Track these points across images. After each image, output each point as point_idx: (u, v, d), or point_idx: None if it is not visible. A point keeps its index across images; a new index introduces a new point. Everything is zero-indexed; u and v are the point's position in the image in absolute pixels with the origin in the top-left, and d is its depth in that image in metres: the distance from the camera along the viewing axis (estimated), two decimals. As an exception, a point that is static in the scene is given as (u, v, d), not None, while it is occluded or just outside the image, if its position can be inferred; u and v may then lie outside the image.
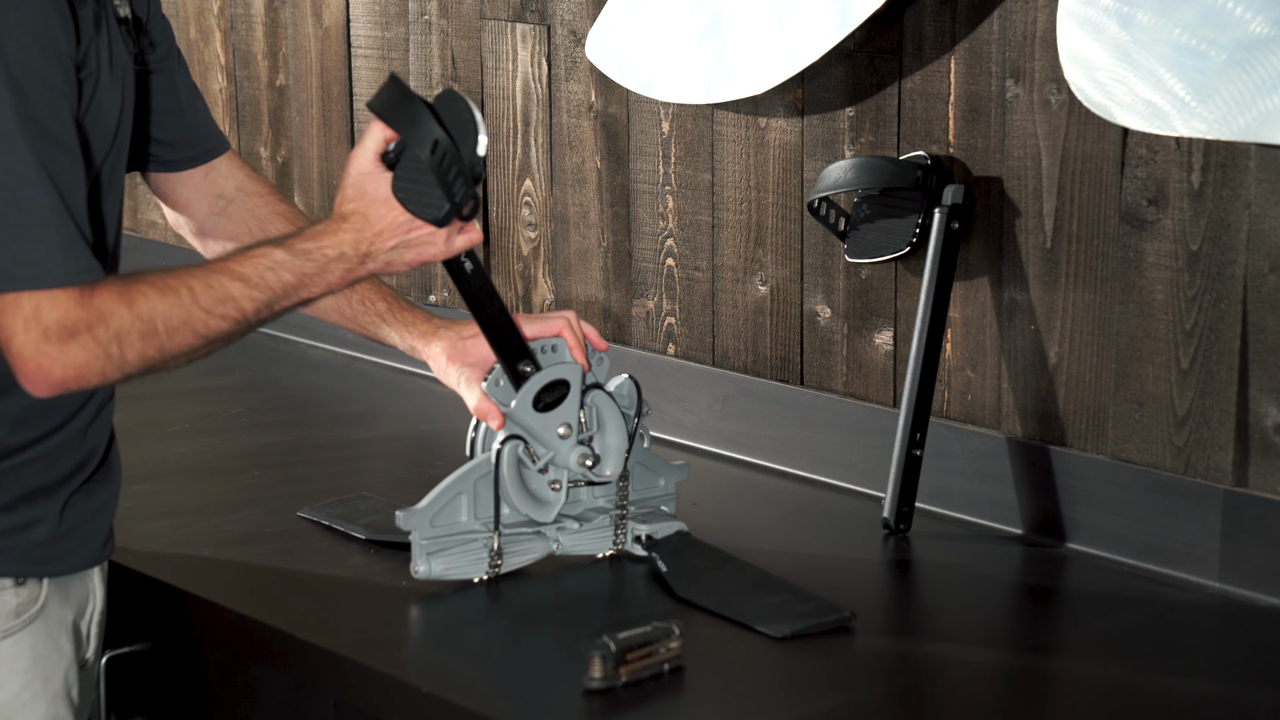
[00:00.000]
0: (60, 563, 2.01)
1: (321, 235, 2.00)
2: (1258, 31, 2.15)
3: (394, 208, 2.02)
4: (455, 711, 1.98)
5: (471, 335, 2.28)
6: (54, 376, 1.84)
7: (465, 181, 2.05)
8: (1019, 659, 2.15)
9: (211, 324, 1.92)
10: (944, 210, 2.49)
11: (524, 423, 2.25)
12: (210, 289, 1.92)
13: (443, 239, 2.05)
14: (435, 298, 3.27)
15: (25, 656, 1.99)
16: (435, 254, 2.06)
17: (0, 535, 1.96)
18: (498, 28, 3.09)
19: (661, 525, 2.34)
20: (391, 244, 2.02)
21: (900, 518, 2.48)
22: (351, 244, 2.00)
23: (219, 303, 1.92)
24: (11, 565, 1.97)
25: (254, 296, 1.94)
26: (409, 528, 2.21)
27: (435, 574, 2.23)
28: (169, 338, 1.89)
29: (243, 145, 3.58)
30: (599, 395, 2.30)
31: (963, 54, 2.51)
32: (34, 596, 1.99)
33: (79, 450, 2.02)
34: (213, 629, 2.26)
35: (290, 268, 1.97)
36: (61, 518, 2.00)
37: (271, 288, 1.95)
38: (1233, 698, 2.03)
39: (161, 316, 1.88)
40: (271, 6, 3.49)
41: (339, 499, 2.53)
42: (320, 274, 1.99)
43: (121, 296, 1.87)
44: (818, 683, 2.06)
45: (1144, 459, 2.40)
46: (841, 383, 2.71)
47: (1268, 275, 2.26)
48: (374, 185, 2.02)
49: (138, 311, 1.87)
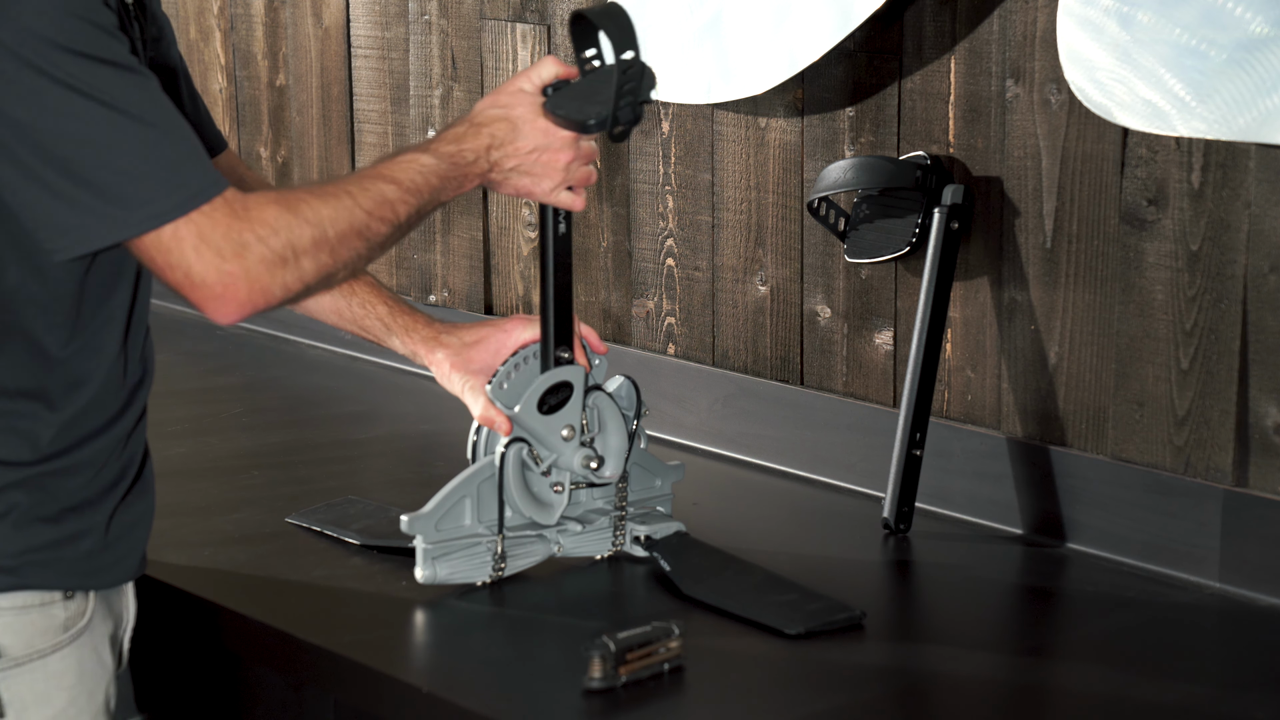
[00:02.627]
0: (106, 575, 1.98)
1: (462, 139, 2.05)
2: (1258, 31, 2.15)
3: (535, 128, 2.09)
4: (455, 711, 1.98)
5: (474, 342, 2.28)
6: (241, 295, 1.82)
7: (631, 107, 2.13)
8: (1019, 659, 2.15)
9: (374, 228, 1.92)
10: (944, 210, 2.49)
11: (529, 425, 2.25)
12: (368, 192, 1.93)
13: (557, 180, 2.12)
14: (435, 298, 3.27)
15: (72, 671, 1.95)
16: (543, 191, 2.13)
17: (49, 547, 1.92)
18: (498, 28, 3.09)
19: (660, 526, 2.34)
20: (514, 163, 2.09)
21: (900, 518, 2.48)
22: (485, 150, 2.06)
23: (378, 205, 1.93)
24: (60, 578, 1.93)
25: (407, 200, 1.96)
26: (414, 533, 2.21)
27: (440, 579, 2.22)
28: (340, 243, 1.88)
29: (243, 145, 3.58)
30: (600, 397, 2.30)
31: (963, 54, 2.51)
32: (81, 610, 1.95)
33: (120, 457, 1.99)
34: (213, 629, 2.26)
35: (436, 171, 2.00)
36: (108, 529, 1.96)
37: (421, 191, 1.98)
38: (1232, 698, 2.03)
39: (329, 220, 1.88)
40: (271, 6, 3.49)
41: (326, 503, 2.52)
42: (459, 178, 2.03)
43: (284, 205, 1.85)
44: (818, 683, 2.06)
45: (1144, 459, 2.40)
46: (841, 383, 2.71)
47: (1268, 275, 2.26)
48: (523, 103, 2.09)
49: (305, 217, 1.86)
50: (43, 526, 1.91)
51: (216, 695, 2.35)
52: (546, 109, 2.11)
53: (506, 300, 3.16)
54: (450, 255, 3.24)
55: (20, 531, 1.89)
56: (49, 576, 1.92)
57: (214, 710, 2.35)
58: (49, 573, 1.92)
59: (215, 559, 2.37)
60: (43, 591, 1.92)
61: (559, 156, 2.12)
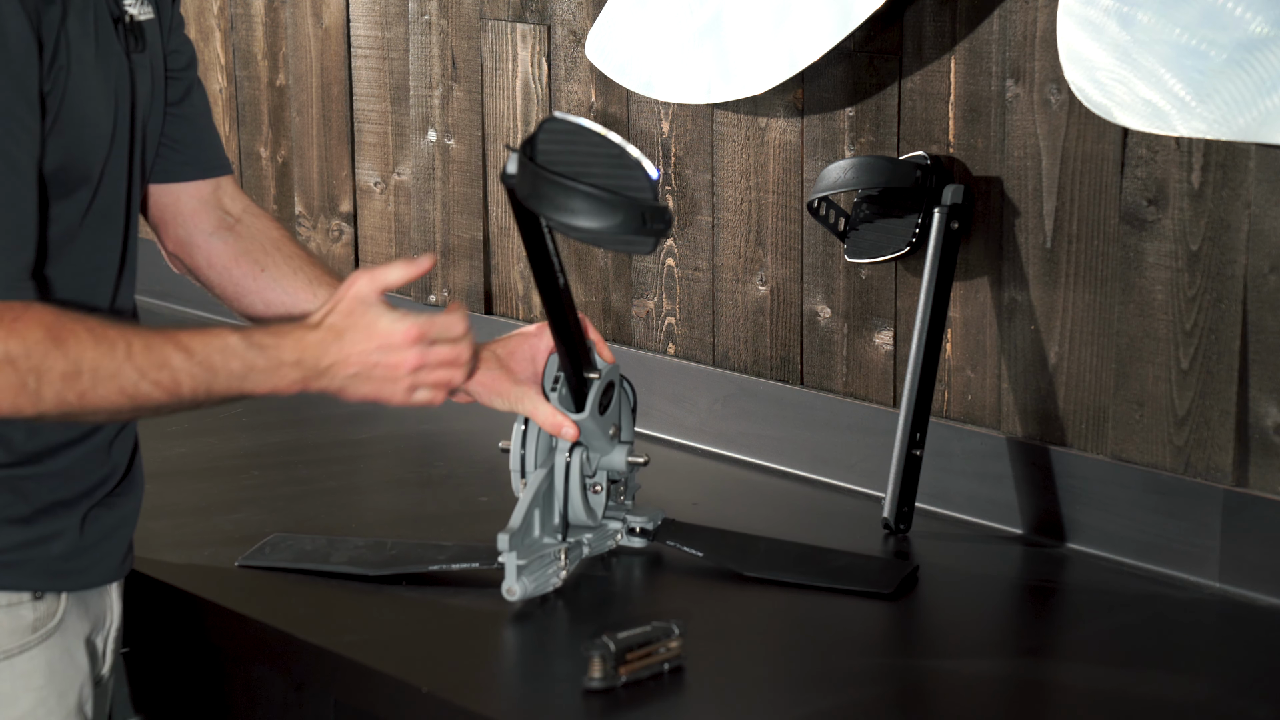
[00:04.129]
0: (79, 577, 1.97)
1: (285, 335, 1.91)
2: (1258, 31, 2.15)
3: (366, 334, 1.93)
4: (455, 711, 1.98)
5: (507, 355, 2.24)
6: None
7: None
8: (1018, 659, 2.15)
9: (142, 387, 1.83)
10: (944, 210, 2.49)
11: (589, 428, 2.25)
12: (150, 350, 1.83)
13: (404, 385, 1.95)
14: (435, 298, 3.27)
15: (40, 672, 1.95)
16: (391, 395, 1.96)
17: (19, 548, 1.92)
18: (498, 28, 3.09)
19: (644, 514, 2.35)
20: (353, 370, 1.93)
21: (900, 518, 2.48)
22: (314, 355, 1.91)
23: (155, 367, 1.83)
24: (30, 579, 1.93)
25: (194, 373, 1.85)
26: (513, 549, 2.16)
27: (529, 593, 2.18)
28: (93, 389, 1.81)
29: (243, 145, 3.58)
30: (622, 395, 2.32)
31: (963, 54, 2.51)
32: (51, 611, 1.95)
33: (104, 465, 1.99)
34: (213, 629, 2.26)
35: (242, 357, 1.87)
36: (82, 531, 1.96)
37: (215, 369, 1.86)
38: (1232, 697, 2.03)
39: (90, 364, 1.80)
40: (271, 6, 3.49)
41: (265, 543, 2.39)
42: (270, 372, 1.89)
43: (52, 332, 1.79)
44: (818, 683, 2.06)
45: (1144, 459, 2.40)
46: (841, 383, 2.71)
47: (1268, 275, 2.26)
48: (366, 312, 1.94)
49: (66, 351, 1.79)
50: (12, 528, 1.90)
51: (215, 695, 2.34)
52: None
53: (506, 300, 3.16)
54: (450, 255, 3.24)
55: None
56: (16, 577, 1.92)
57: (213, 710, 2.35)
58: (17, 574, 1.92)
59: (215, 559, 2.37)
60: (10, 593, 1.91)
61: (400, 367, 1.94)
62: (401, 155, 3.29)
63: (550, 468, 2.23)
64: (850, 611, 2.23)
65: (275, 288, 2.22)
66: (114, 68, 1.94)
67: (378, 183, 3.34)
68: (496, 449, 2.30)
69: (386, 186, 3.33)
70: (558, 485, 2.23)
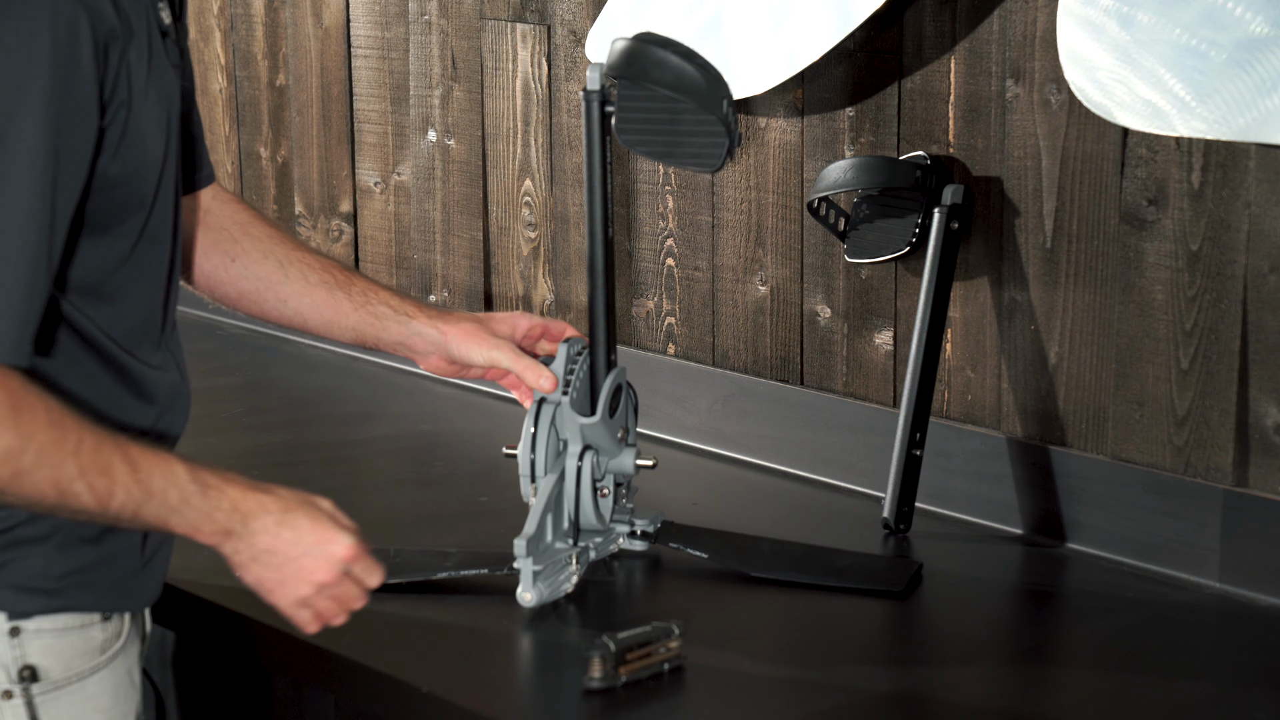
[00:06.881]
0: (141, 596, 1.95)
1: (230, 485, 1.83)
2: (1258, 31, 2.15)
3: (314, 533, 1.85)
4: (455, 711, 1.98)
5: (486, 318, 2.24)
6: None
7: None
8: (1019, 659, 2.15)
9: (75, 488, 1.74)
10: (944, 210, 2.49)
11: (600, 431, 2.25)
12: (97, 452, 1.75)
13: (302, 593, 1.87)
14: (435, 297, 3.28)
15: (108, 694, 1.91)
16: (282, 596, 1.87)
17: (92, 568, 1.88)
18: (498, 28, 3.09)
19: (644, 516, 2.35)
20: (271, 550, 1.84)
21: (900, 518, 2.48)
22: (248, 515, 1.83)
23: (96, 471, 1.75)
24: (100, 599, 1.89)
25: (130, 490, 1.77)
26: (529, 555, 2.16)
27: (545, 598, 2.18)
28: (30, 472, 1.73)
29: (243, 145, 3.58)
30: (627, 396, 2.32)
31: (963, 54, 2.51)
32: (117, 632, 1.92)
33: None
34: (213, 629, 2.26)
35: (181, 488, 1.79)
36: (143, 550, 1.93)
37: (151, 493, 1.78)
38: (1232, 698, 2.03)
39: (37, 447, 1.72)
40: (271, 6, 3.49)
41: None
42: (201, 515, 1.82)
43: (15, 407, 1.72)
44: (818, 683, 2.06)
45: (1144, 459, 2.40)
46: (841, 383, 2.71)
47: (1268, 275, 2.26)
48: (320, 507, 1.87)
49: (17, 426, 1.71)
50: (85, 547, 1.88)
51: (214, 695, 2.34)
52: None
53: (507, 300, 3.16)
54: (450, 255, 3.24)
55: (64, 553, 1.86)
56: (90, 598, 1.89)
57: (212, 711, 2.35)
58: (90, 594, 1.89)
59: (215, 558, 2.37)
60: (83, 614, 1.88)
61: (315, 573, 1.86)
62: (401, 155, 3.29)
63: (560, 472, 2.23)
64: (850, 612, 2.23)
65: (247, 277, 2.19)
66: (165, 86, 1.89)
67: (378, 183, 3.34)
68: (496, 449, 2.30)
69: (386, 186, 3.33)
70: (568, 490, 2.23)
